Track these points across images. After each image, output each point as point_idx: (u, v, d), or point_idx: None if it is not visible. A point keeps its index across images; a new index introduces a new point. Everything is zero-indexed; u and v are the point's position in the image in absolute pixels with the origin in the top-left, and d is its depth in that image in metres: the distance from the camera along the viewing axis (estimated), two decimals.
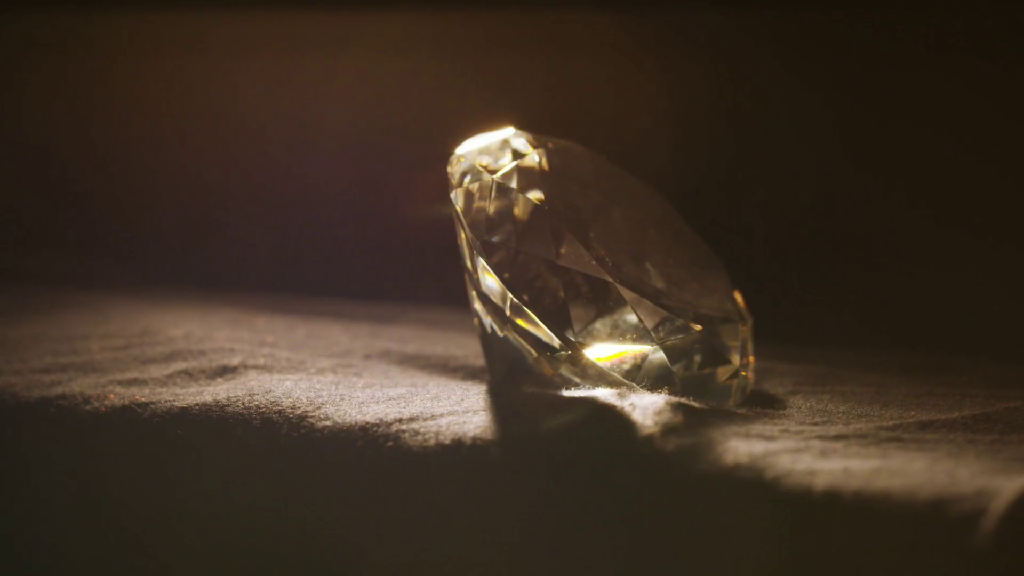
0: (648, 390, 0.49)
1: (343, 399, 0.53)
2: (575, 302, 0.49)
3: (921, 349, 0.77)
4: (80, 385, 0.58)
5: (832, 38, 0.94)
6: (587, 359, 0.50)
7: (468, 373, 0.64)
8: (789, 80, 0.95)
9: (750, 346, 0.54)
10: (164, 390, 0.57)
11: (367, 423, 0.50)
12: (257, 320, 0.79)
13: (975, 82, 0.88)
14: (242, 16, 1.13)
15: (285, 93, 1.13)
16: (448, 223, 0.55)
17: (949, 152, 0.89)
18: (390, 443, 0.49)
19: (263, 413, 0.52)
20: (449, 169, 0.54)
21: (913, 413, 0.52)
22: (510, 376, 0.53)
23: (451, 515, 0.47)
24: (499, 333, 0.52)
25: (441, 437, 0.48)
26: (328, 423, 0.50)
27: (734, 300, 0.54)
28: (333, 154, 1.10)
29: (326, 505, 0.49)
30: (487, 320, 0.53)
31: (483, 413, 0.50)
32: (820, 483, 0.41)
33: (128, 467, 0.54)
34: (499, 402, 0.51)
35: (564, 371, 0.51)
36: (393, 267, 1.04)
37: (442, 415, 0.50)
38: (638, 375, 0.50)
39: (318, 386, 0.56)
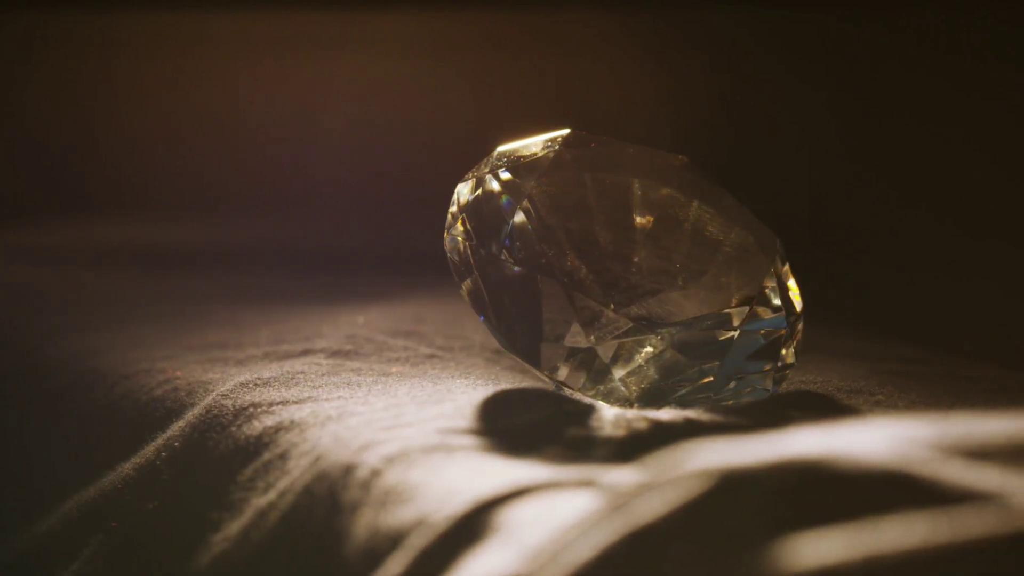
0: (599, 398, 0.49)
1: (297, 383, 0.53)
2: (525, 301, 0.48)
3: (920, 350, 0.76)
4: (177, 362, 0.58)
5: (832, 38, 0.94)
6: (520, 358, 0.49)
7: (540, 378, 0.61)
8: (789, 80, 0.95)
9: (769, 355, 0.51)
10: (218, 368, 0.57)
11: (246, 403, 0.50)
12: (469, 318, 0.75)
13: (975, 82, 0.88)
14: (243, 16, 1.13)
15: (289, 91, 1.13)
16: None
17: (949, 152, 0.89)
18: (240, 420, 0.49)
19: (211, 392, 0.53)
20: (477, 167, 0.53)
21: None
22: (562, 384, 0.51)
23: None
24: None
25: (273, 420, 0.48)
26: (226, 402, 0.51)
27: (765, 308, 0.51)
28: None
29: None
30: None
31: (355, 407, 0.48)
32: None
33: (120, 431, 0.55)
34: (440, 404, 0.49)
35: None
36: None
37: (306, 401, 0.49)
38: (581, 376, 0.48)
39: (310, 373, 0.55)
